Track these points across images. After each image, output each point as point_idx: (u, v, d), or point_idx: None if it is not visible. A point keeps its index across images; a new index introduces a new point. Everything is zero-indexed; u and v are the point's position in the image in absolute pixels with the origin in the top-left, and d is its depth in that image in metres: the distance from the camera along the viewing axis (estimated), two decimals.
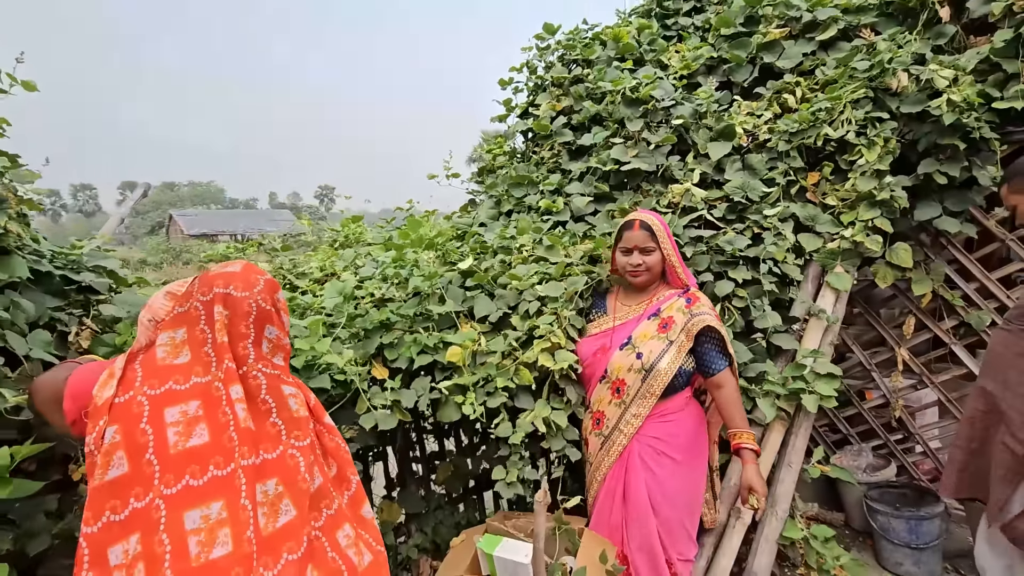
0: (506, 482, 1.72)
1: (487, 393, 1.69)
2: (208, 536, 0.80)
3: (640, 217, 1.86)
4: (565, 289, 1.83)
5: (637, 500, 1.79)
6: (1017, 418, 1.68)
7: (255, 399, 0.90)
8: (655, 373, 1.77)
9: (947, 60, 2.17)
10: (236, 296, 0.90)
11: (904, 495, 2.55)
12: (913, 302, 2.58)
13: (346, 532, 1.00)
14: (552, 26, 2.84)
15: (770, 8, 2.56)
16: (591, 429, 1.88)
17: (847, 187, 2.23)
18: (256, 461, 0.88)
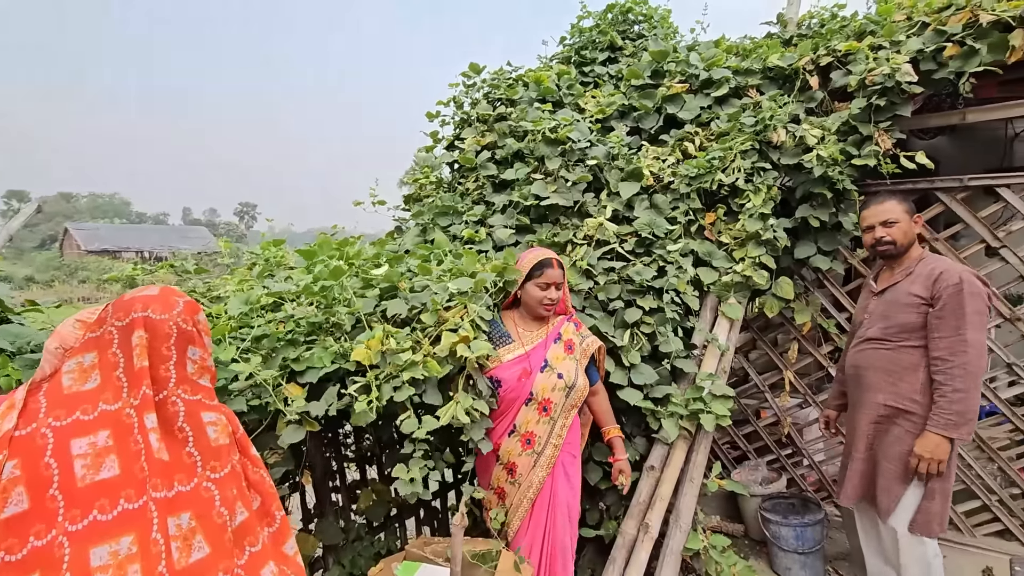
0: (405, 480, 1.74)
1: (394, 388, 1.71)
2: (117, 572, 0.78)
3: (554, 256, 2.03)
4: (475, 282, 1.90)
5: (562, 503, 1.98)
6: (915, 419, 1.97)
7: (171, 427, 0.89)
8: (576, 389, 1.98)
9: (816, 121, 2.52)
10: (155, 319, 0.89)
11: (792, 505, 2.81)
12: (797, 330, 2.90)
13: (271, 569, 1.00)
14: (477, 66, 3.00)
15: (673, 65, 2.86)
16: (520, 451, 1.95)
17: (738, 227, 2.50)
18: (169, 494, 0.87)
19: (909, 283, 2.01)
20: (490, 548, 1.94)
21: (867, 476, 2.15)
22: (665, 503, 2.27)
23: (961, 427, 1.85)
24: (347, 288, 1.91)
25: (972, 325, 1.86)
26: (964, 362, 1.85)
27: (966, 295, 1.86)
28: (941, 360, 1.89)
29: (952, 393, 1.85)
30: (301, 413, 1.73)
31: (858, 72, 2.43)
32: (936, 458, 1.89)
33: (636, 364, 2.31)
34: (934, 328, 1.92)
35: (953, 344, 1.87)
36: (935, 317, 1.92)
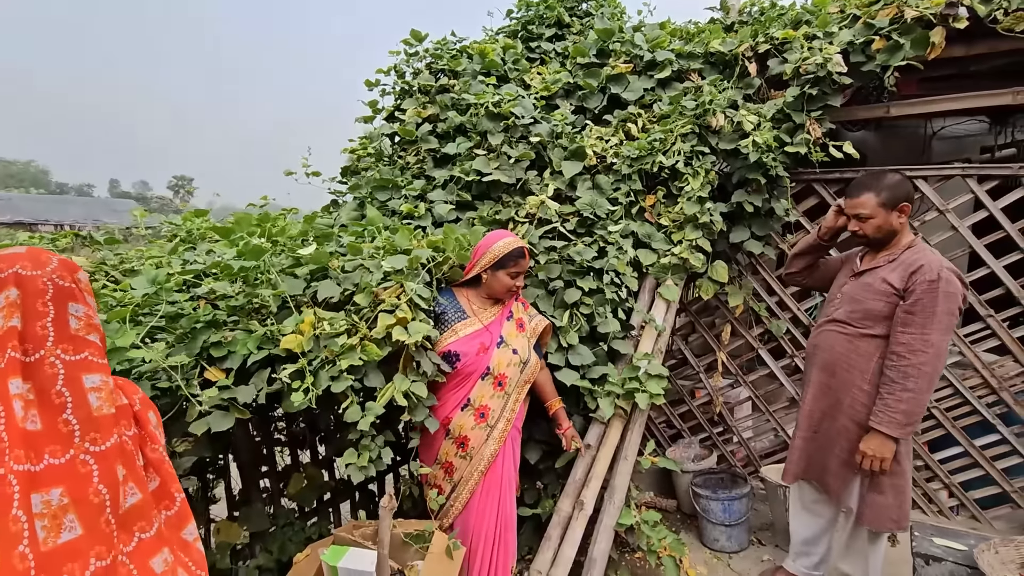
0: (358, 466, 1.68)
1: (331, 377, 1.63)
2: None
3: (525, 245, 2.04)
4: (409, 259, 1.83)
5: (510, 478, 2.03)
6: (861, 409, 1.92)
7: (48, 391, 0.80)
8: (529, 364, 2.02)
9: (752, 108, 2.56)
10: (25, 275, 0.80)
11: (722, 480, 2.93)
12: (730, 312, 3.00)
13: (164, 557, 0.91)
14: (419, 33, 2.87)
15: (618, 45, 2.84)
16: (474, 424, 1.93)
17: (677, 210, 2.53)
18: (35, 468, 0.78)
19: (888, 270, 1.93)
20: (423, 529, 1.91)
21: (809, 457, 2.13)
22: (600, 481, 2.30)
23: (906, 427, 1.80)
24: (271, 268, 1.79)
25: (939, 326, 1.78)
26: (921, 362, 1.78)
27: (940, 293, 1.78)
28: (897, 356, 1.82)
29: (902, 392, 1.79)
30: (228, 399, 1.62)
31: (793, 61, 2.49)
32: (880, 456, 1.84)
33: (574, 345, 2.31)
34: (900, 321, 1.84)
35: (914, 342, 1.79)
36: (904, 311, 1.84)
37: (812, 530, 2.28)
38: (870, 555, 2.05)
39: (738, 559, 2.69)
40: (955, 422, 2.66)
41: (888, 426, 1.80)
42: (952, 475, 2.71)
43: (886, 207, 1.93)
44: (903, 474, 1.91)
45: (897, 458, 1.89)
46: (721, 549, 2.74)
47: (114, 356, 1.46)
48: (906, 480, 1.92)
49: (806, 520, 2.29)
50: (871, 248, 2.06)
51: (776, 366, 3.02)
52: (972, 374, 2.61)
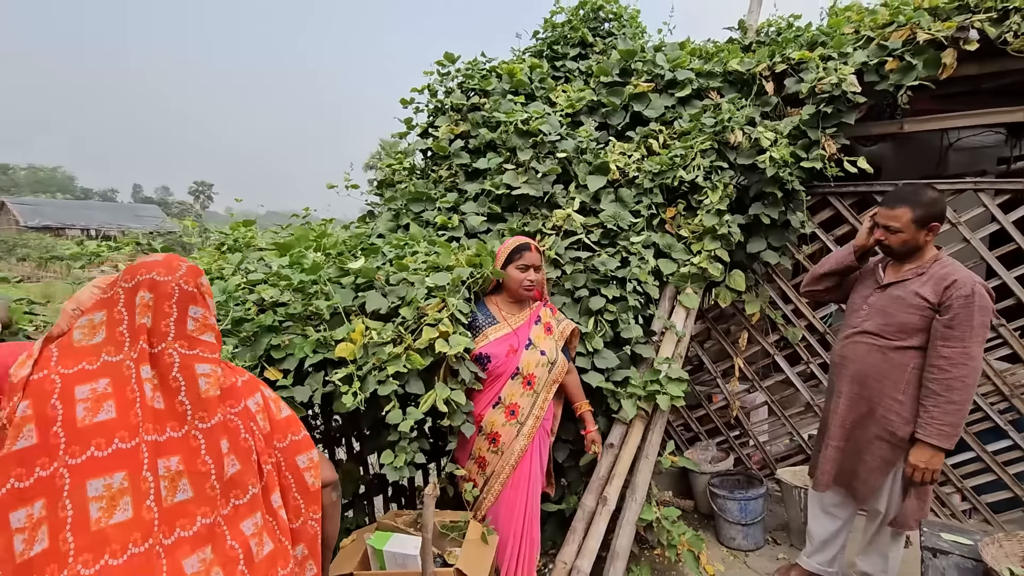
0: (394, 466, 1.83)
1: (378, 381, 1.79)
2: (109, 503, 0.86)
3: (532, 242, 2.15)
4: (451, 278, 1.99)
5: (537, 474, 2.15)
6: (895, 418, 1.99)
7: (167, 377, 0.96)
8: (556, 365, 2.15)
9: (770, 124, 2.69)
10: (159, 280, 0.97)
11: (738, 481, 3.03)
12: (747, 319, 3.11)
13: (254, 520, 1.06)
14: (452, 55, 3.05)
15: (640, 64, 2.98)
16: (504, 421, 2.07)
17: (696, 222, 2.66)
18: (160, 438, 0.94)
19: (919, 283, 1.96)
20: (459, 519, 2.05)
21: (840, 465, 2.20)
22: (622, 479, 2.43)
23: (952, 437, 1.86)
24: (325, 283, 1.96)
25: (977, 339, 1.84)
26: (964, 375, 1.84)
27: (976, 308, 1.83)
28: (939, 369, 1.87)
29: (947, 404, 1.85)
30: (286, 398, 1.79)
31: (809, 80, 2.61)
32: (931, 468, 1.89)
33: (599, 349, 2.44)
34: (940, 336, 1.88)
35: (956, 356, 1.84)
36: (943, 325, 1.88)
37: (829, 531, 2.37)
38: (891, 553, 2.16)
39: (754, 557, 2.79)
40: (968, 427, 2.74)
41: (938, 438, 1.87)
42: (965, 479, 2.79)
43: (917, 224, 1.97)
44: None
45: None
46: (737, 547, 2.84)
47: None
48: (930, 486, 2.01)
49: (825, 522, 2.38)
50: (894, 259, 2.10)
51: (792, 372, 3.12)
52: (984, 381, 2.69)
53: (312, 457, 1.18)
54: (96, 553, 0.85)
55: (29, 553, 0.82)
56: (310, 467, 1.17)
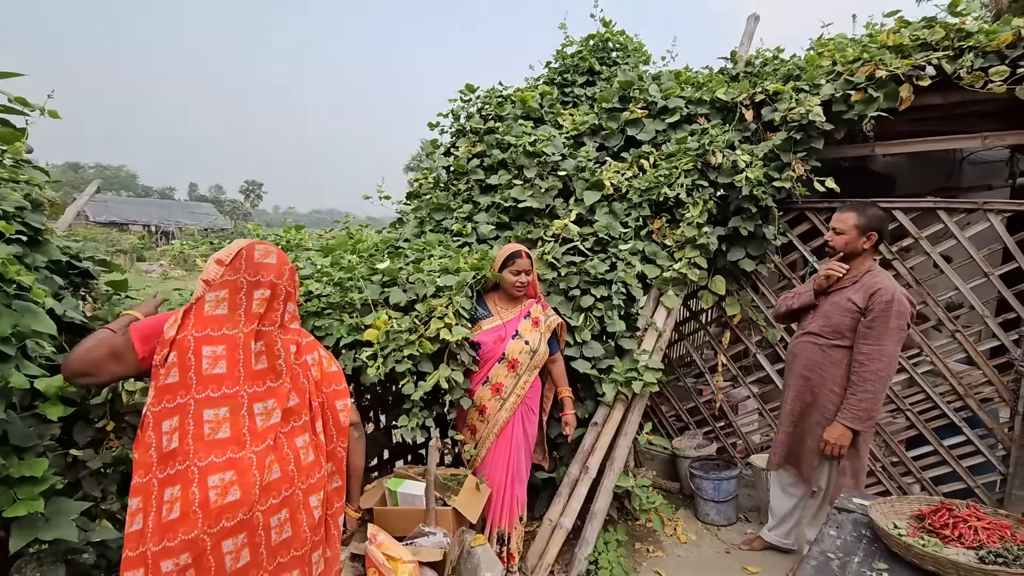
0: (409, 427, 2.31)
1: (396, 361, 2.27)
2: (216, 426, 1.33)
3: (524, 249, 2.58)
4: (457, 280, 2.46)
5: (518, 440, 2.57)
6: (831, 407, 2.36)
7: (272, 348, 1.41)
8: (537, 353, 2.55)
9: (747, 148, 3.04)
10: (276, 282, 1.41)
11: (716, 465, 3.38)
12: (730, 321, 3.45)
13: (304, 439, 1.54)
14: (472, 86, 3.53)
15: (637, 92, 3.38)
16: (490, 397, 2.52)
17: (679, 232, 3.04)
18: (260, 388, 1.40)
19: (852, 291, 2.30)
20: (459, 473, 2.52)
21: (789, 448, 2.58)
22: (603, 451, 2.83)
23: (865, 421, 2.23)
24: (359, 279, 2.47)
25: (891, 338, 2.18)
26: (878, 368, 2.18)
27: (893, 312, 2.17)
28: (859, 363, 2.23)
29: (862, 392, 2.22)
30: None
31: (782, 110, 2.95)
32: (839, 444, 2.29)
33: (587, 341, 2.86)
34: (861, 335, 2.24)
35: (873, 352, 2.20)
36: (864, 326, 2.23)
37: (786, 507, 2.73)
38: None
39: (725, 531, 3.14)
40: (927, 424, 3.02)
41: (851, 420, 2.26)
42: (924, 471, 3.06)
43: (859, 230, 2.33)
44: (860, 458, 2.37)
45: (857, 446, 2.35)
46: (712, 522, 3.20)
47: None
48: (863, 464, 2.38)
49: (783, 499, 2.75)
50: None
51: (772, 369, 3.45)
52: (942, 382, 2.97)
53: (347, 403, 1.65)
54: (205, 453, 1.33)
55: (169, 447, 1.31)
56: (344, 409, 1.65)
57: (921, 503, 1.90)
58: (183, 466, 1.31)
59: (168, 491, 1.28)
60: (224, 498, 1.31)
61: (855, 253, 2.38)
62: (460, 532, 2.33)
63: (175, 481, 1.29)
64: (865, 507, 1.95)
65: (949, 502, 1.84)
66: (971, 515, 1.77)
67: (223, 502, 1.30)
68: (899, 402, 3.07)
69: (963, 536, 1.70)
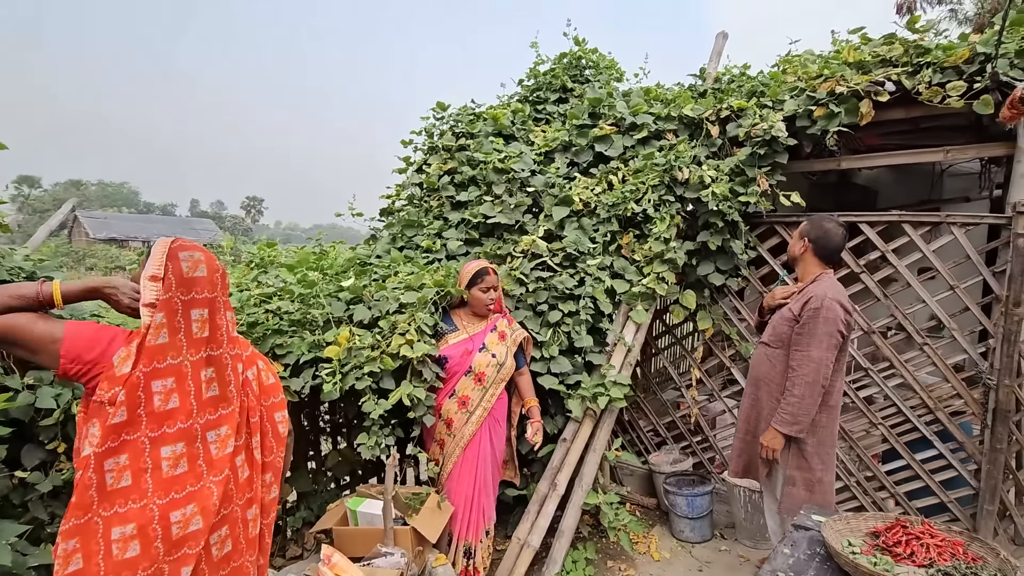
0: (368, 446, 2.30)
1: (356, 378, 2.27)
2: (174, 462, 1.31)
3: (491, 265, 2.60)
4: (419, 296, 2.46)
5: (486, 453, 2.57)
6: (768, 415, 2.38)
7: (223, 373, 1.38)
8: (504, 366, 2.57)
9: (713, 163, 3.07)
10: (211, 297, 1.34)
11: (691, 481, 3.36)
12: (702, 334, 3.45)
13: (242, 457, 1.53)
14: (444, 104, 3.57)
15: (606, 109, 3.42)
16: (456, 410, 2.52)
17: (647, 248, 3.05)
18: (212, 416, 1.37)
19: (794, 300, 2.35)
20: (421, 492, 2.50)
21: (745, 455, 2.58)
22: (571, 468, 2.82)
23: (793, 425, 2.22)
24: (320, 295, 2.48)
25: (818, 344, 2.18)
26: (804, 374, 2.19)
27: (821, 319, 2.19)
28: (791, 369, 2.26)
29: (790, 397, 2.23)
30: (284, 386, 2.30)
31: (746, 126, 2.98)
32: (771, 447, 2.28)
33: (555, 356, 2.86)
34: (793, 342, 2.28)
35: (801, 358, 2.22)
36: (796, 333, 2.27)
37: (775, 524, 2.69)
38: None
39: (699, 548, 3.11)
40: (899, 438, 3.00)
41: (780, 423, 2.27)
42: (897, 485, 3.04)
43: (799, 235, 2.44)
44: (811, 470, 2.33)
45: (804, 456, 2.32)
46: (686, 539, 3.17)
47: None
48: (815, 476, 2.33)
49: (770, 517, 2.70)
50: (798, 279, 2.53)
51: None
52: (912, 395, 2.95)
53: (284, 414, 1.64)
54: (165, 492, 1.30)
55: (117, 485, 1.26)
56: (283, 421, 1.64)
57: (877, 520, 1.89)
58: (139, 504, 1.27)
59: (118, 530, 1.25)
60: (186, 529, 1.30)
61: (794, 258, 2.48)
62: (419, 552, 2.31)
63: (127, 520, 1.26)
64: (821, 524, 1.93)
65: (904, 519, 1.83)
66: (924, 532, 1.76)
67: (186, 532, 1.30)
68: (871, 416, 3.05)
69: (915, 554, 1.68)
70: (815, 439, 2.33)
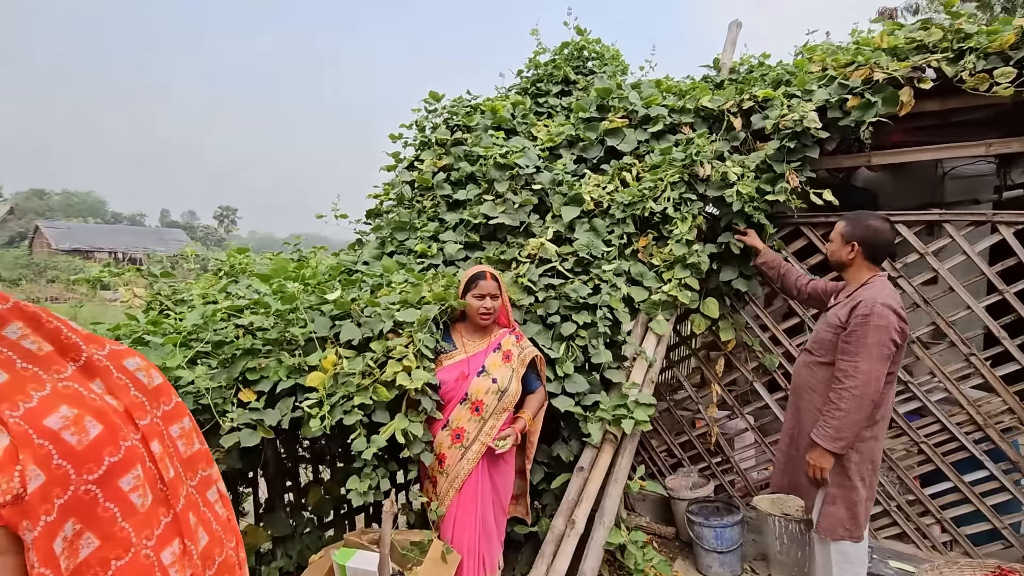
0: (359, 491, 1.92)
1: (344, 411, 1.90)
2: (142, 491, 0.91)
3: (489, 269, 2.25)
4: (420, 316, 2.11)
5: (488, 493, 2.22)
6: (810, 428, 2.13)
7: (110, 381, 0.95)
8: (508, 393, 2.19)
9: (738, 159, 2.79)
10: (22, 305, 0.86)
11: (716, 508, 3.04)
12: (723, 346, 3.16)
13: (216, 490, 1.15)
14: (437, 94, 3.24)
15: (616, 101, 3.13)
16: (449, 444, 2.15)
17: (666, 251, 2.75)
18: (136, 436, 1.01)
19: (841, 306, 2.15)
20: (422, 538, 2.12)
21: (787, 473, 2.33)
22: (591, 501, 2.47)
23: (837, 442, 2.01)
24: (301, 309, 2.09)
25: (868, 355, 1.98)
26: (851, 386, 1.99)
27: (871, 326, 1.98)
28: (836, 380, 2.06)
29: (835, 411, 2.02)
30: (257, 420, 1.91)
31: (773, 117, 2.72)
32: (819, 465, 2.08)
33: (570, 374, 2.52)
34: (840, 351, 2.08)
35: (848, 369, 2.01)
36: (842, 341, 2.07)
37: None
38: (819, 560, 2.19)
39: None
40: (944, 457, 2.74)
41: (823, 440, 2.04)
42: (944, 510, 2.77)
43: (844, 238, 2.21)
44: (854, 489, 2.09)
45: (847, 473, 2.09)
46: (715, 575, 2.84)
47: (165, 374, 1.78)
48: (858, 495, 2.09)
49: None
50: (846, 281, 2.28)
51: (770, 398, 3.15)
52: (959, 411, 2.70)
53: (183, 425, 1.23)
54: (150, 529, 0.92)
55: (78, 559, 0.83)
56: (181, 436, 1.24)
57: (975, 568, 1.59)
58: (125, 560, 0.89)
59: None
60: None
61: (841, 264, 2.26)
62: None
63: None
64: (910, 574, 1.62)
65: (1008, 567, 1.53)
66: None
67: None
68: (913, 434, 2.78)
69: None
70: (859, 455, 2.10)
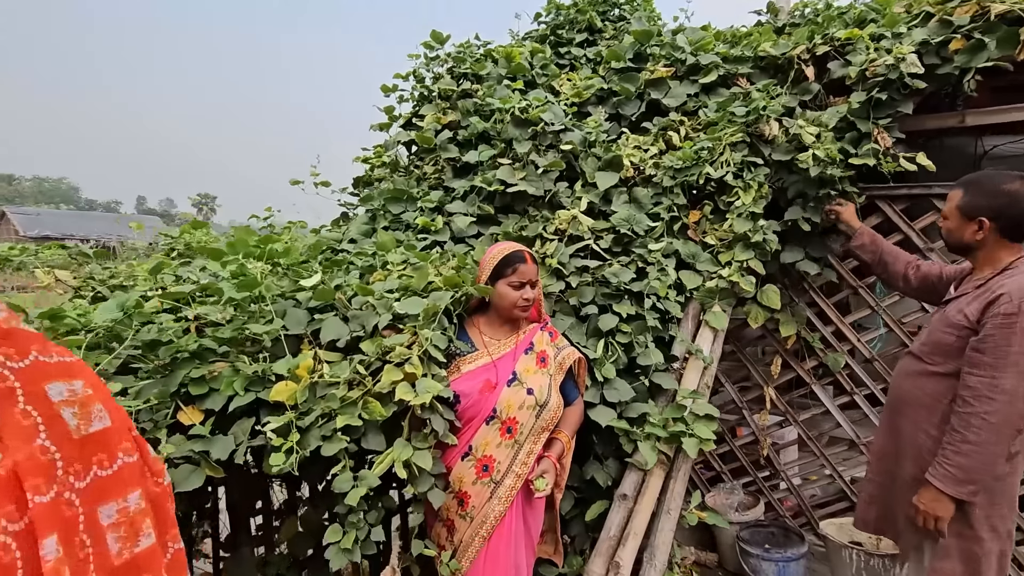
0: (340, 547, 1.38)
1: (323, 437, 1.36)
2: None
3: (525, 249, 1.71)
4: (426, 306, 1.56)
5: (521, 537, 1.70)
6: (930, 458, 1.62)
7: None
8: (548, 408, 1.68)
9: (811, 116, 2.29)
10: None
11: (772, 535, 2.58)
12: (780, 343, 2.68)
13: None
14: (440, 35, 2.67)
15: (658, 48, 2.60)
16: (474, 479, 1.62)
17: (725, 227, 2.25)
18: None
19: (970, 298, 1.64)
20: None
21: (880, 506, 1.85)
22: (639, 539, 1.97)
23: (964, 484, 1.52)
24: (267, 298, 1.54)
25: (1013, 367, 1.49)
26: (987, 411, 1.50)
27: (1018, 330, 1.48)
28: (963, 401, 1.55)
29: (962, 443, 1.53)
30: (200, 452, 1.35)
31: (858, 63, 2.22)
32: (933, 513, 1.58)
33: (610, 379, 2.01)
34: (969, 361, 1.57)
35: (982, 387, 1.52)
36: (973, 348, 1.56)
37: None
38: None
39: None
40: None
41: (942, 481, 1.54)
42: None
43: (962, 212, 1.67)
44: (978, 540, 1.59)
45: (970, 520, 1.59)
46: None
47: None
48: (983, 548, 1.59)
49: None
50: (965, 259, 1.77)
51: (832, 404, 2.68)
52: None
53: None
54: None
55: None
56: None
57: None
58: None
59: None
60: None
61: (963, 247, 1.71)
62: None
63: None
64: None
65: None
66: None
67: None
68: None
69: None
70: (987, 495, 1.58)
